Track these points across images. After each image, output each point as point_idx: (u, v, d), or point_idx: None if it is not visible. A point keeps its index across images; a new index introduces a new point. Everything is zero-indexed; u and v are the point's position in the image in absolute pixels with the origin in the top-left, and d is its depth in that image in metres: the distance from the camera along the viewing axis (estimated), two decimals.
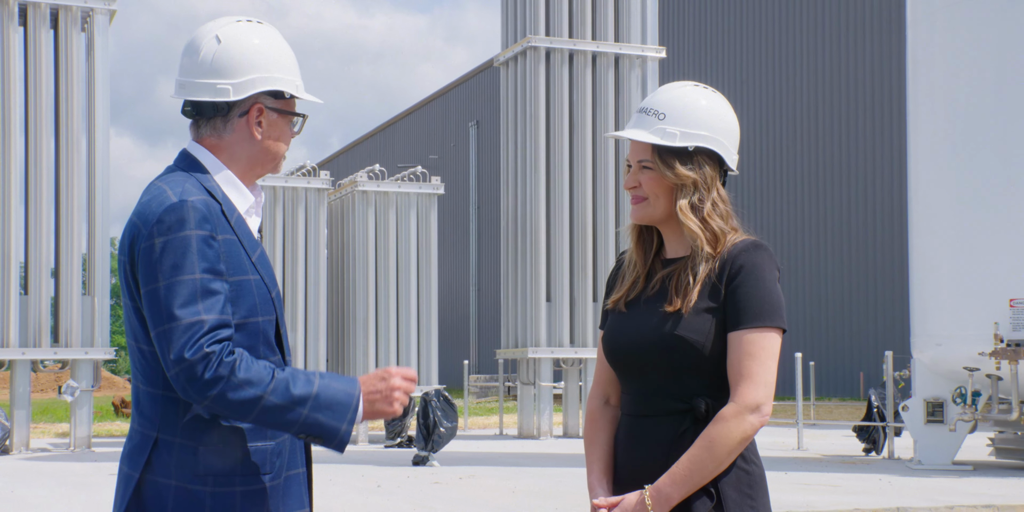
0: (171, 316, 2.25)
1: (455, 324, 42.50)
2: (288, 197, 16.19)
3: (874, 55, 30.12)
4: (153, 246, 2.29)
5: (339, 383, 2.32)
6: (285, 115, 2.50)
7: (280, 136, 2.50)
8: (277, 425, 2.28)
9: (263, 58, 2.46)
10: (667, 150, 2.62)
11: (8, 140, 14.45)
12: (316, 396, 2.28)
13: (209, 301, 2.26)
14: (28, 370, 14.49)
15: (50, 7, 14.75)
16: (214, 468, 2.33)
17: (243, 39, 2.47)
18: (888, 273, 28.97)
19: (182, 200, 2.32)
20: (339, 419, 2.29)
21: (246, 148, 2.47)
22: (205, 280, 2.27)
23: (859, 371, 29.14)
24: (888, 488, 10.03)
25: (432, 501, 9.18)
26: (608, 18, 17.31)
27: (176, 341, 2.23)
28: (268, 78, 2.46)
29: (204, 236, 2.30)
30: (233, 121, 2.47)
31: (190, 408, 2.34)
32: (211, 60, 2.45)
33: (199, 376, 2.22)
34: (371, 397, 2.35)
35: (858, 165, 30.41)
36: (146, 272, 2.30)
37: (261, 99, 2.46)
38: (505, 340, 17.18)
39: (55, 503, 9.26)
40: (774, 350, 2.56)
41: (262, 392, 2.24)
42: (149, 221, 2.32)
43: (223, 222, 2.36)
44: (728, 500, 2.58)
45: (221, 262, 2.32)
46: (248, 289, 2.36)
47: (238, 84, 2.44)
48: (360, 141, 54.35)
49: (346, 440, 2.31)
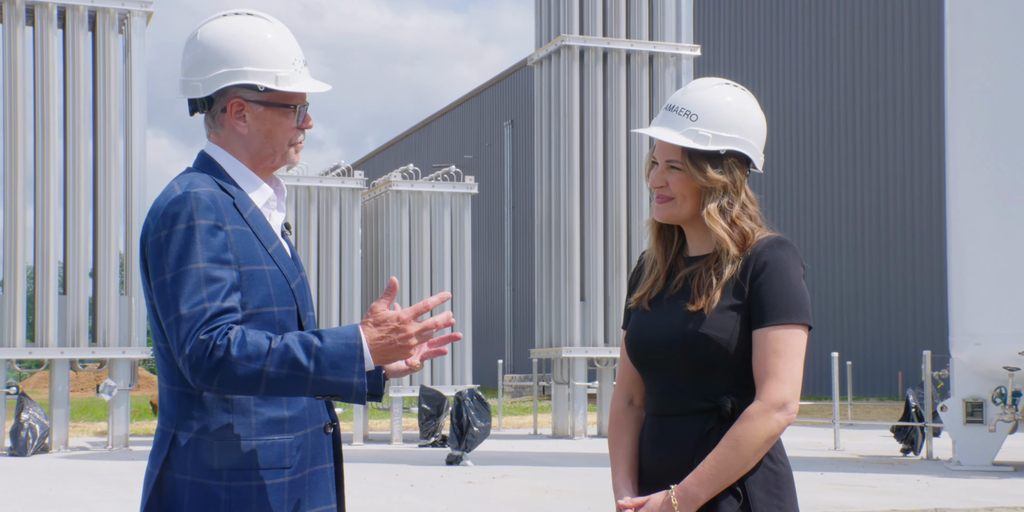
0: (176, 307, 2.25)
1: (490, 324, 42.51)
2: (322, 197, 16.24)
3: (912, 50, 29.84)
4: (159, 239, 2.31)
5: (339, 338, 2.24)
6: (274, 107, 2.45)
7: (273, 129, 2.45)
8: (289, 393, 2.25)
9: (233, 52, 2.42)
10: (698, 153, 2.59)
11: (48, 142, 14.60)
12: (317, 358, 2.22)
13: (212, 288, 2.25)
14: (67, 369, 14.63)
15: (88, 10, 14.88)
16: (229, 463, 2.32)
17: (218, 34, 2.45)
18: (927, 271, 28.70)
19: (186, 192, 2.32)
20: (347, 374, 2.23)
21: (239, 143, 2.46)
22: (209, 269, 2.26)
23: (897, 371, 28.88)
24: (926, 489, 9.92)
25: (465, 501, 9.17)
26: (642, 16, 17.24)
27: (180, 333, 2.23)
28: (236, 72, 2.42)
29: (208, 226, 2.29)
30: (219, 117, 2.46)
31: (205, 404, 2.34)
32: (190, 57, 2.46)
33: (200, 365, 2.21)
34: (379, 344, 2.26)
35: (896, 162, 30.14)
36: (154, 265, 2.32)
37: (240, 93, 2.43)
38: (539, 339, 17.15)
39: (92, 501, 9.33)
40: (800, 347, 2.53)
41: (262, 366, 2.20)
42: (156, 216, 2.33)
43: (234, 214, 2.36)
44: (755, 500, 2.54)
45: (228, 251, 2.31)
46: (261, 279, 2.35)
47: (207, 80, 2.43)
48: (395, 141, 54.48)
49: (363, 391, 2.25)
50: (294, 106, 2.47)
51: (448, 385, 16.33)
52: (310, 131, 2.53)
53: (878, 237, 30.53)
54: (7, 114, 14.50)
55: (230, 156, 2.46)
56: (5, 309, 14.28)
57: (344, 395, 2.25)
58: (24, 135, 14.52)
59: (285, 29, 2.51)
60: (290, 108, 2.46)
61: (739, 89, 2.68)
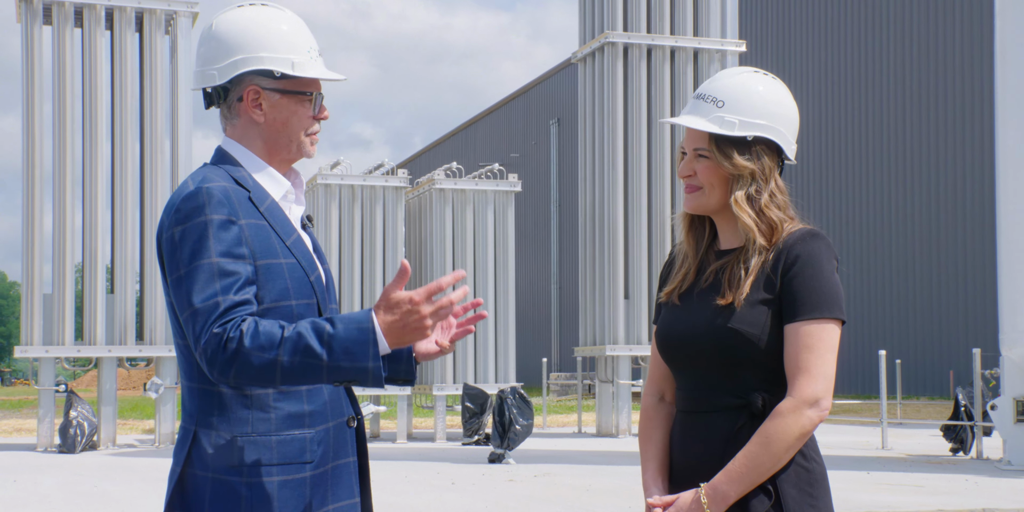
0: (190, 302, 2.24)
1: (536, 322, 42.49)
2: (366, 196, 16.29)
3: (963, 46, 29.45)
4: (173, 236, 2.30)
5: (351, 323, 2.20)
6: (290, 95, 2.44)
7: (289, 117, 2.44)
8: (307, 381, 2.22)
9: (249, 39, 2.42)
10: (725, 139, 2.54)
11: (96, 143, 14.76)
12: (330, 344, 2.18)
13: (225, 282, 2.24)
14: (114, 367, 14.79)
15: (135, 11, 15.01)
16: (249, 459, 2.31)
17: (232, 24, 2.45)
18: (977, 268, 28.31)
19: (198, 188, 2.31)
20: (361, 359, 2.19)
21: (255, 133, 2.45)
22: (222, 263, 2.25)
23: (948, 369, 28.51)
24: (975, 489, 9.77)
25: (506, 499, 9.14)
26: (687, 12, 17.13)
27: (195, 327, 2.23)
28: (252, 58, 2.41)
29: (221, 220, 2.28)
30: (235, 107, 2.45)
31: (224, 401, 2.33)
32: (204, 48, 2.46)
33: (216, 358, 2.20)
34: (393, 327, 2.21)
35: (946, 158, 29.77)
36: (169, 261, 2.31)
37: (256, 81, 2.42)
38: (583, 338, 17.10)
39: (138, 498, 9.41)
40: (833, 342, 2.46)
41: (275, 355, 2.17)
42: (169, 212, 2.33)
43: (249, 207, 2.35)
44: (787, 498, 2.49)
45: (243, 245, 2.29)
46: (278, 272, 2.34)
47: (223, 67, 2.42)
48: (442, 140, 54.60)
49: (379, 375, 2.21)
50: (310, 93, 2.45)
51: (491, 383, 16.32)
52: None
53: (928, 233, 30.17)
54: (57, 116, 14.68)
55: (246, 150, 2.45)
56: (54, 308, 14.46)
57: (361, 380, 2.22)
58: (73, 137, 14.69)
59: (299, 19, 2.51)
60: (306, 95, 2.45)
61: (769, 77, 2.63)
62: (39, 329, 14.36)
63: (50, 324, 14.44)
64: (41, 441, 14.35)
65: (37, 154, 14.55)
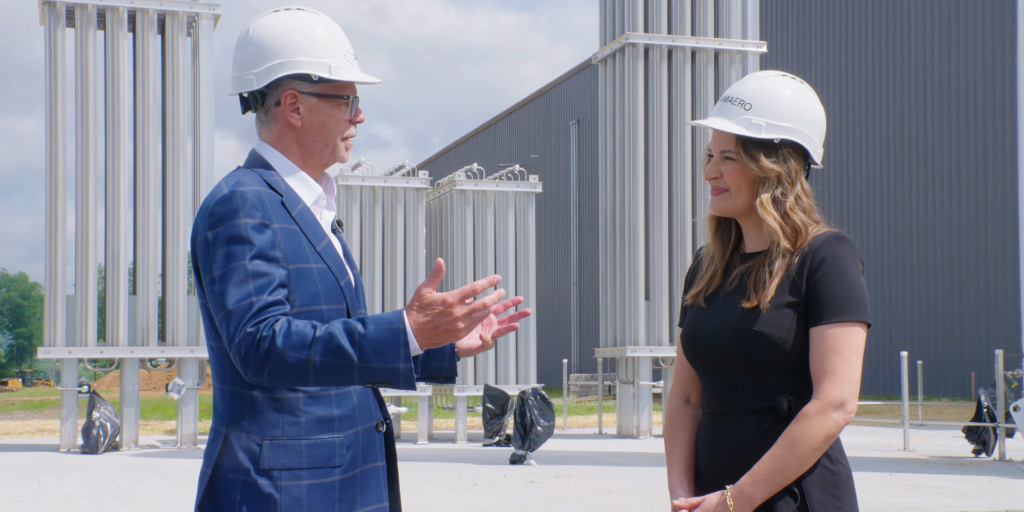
0: (224, 304, 2.27)
1: (556, 323, 42.48)
2: (387, 197, 16.33)
3: (984, 46, 29.31)
4: (207, 239, 2.33)
5: (383, 323, 2.21)
6: (327, 99, 2.46)
7: (326, 121, 2.46)
8: (339, 382, 2.23)
9: (286, 43, 2.44)
10: (752, 142, 2.56)
11: (118, 144, 14.84)
12: (360, 345, 2.19)
13: (259, 283, 2.26)
14: (137, 368, 14.86)
15: (157, 13, 15.09)
16: (279, 462, 2.33)
17: (269, 29, 2.47)
18: (999, 269, 28.17)
19: (232, 191, 2.34)
20: (392, 360, 2.20)
21: (292, 137, 2.47)
22: (255, 265, 2.28)
23: (970, 370, 28.37)
24: (998, 491, 9.73)
25: (528, 500, 9.16)
26: (707, 13, 17.11)
27: (230, 327, 2.25)
28: (290, 62, 2.43)
29: (255, 224, 2.30)
30: (272, 111, 2.47)
31: (255, 403, 2.36)
32: (241, 53, 2.48)
33: (250, 358, 2.22)
34: (424, 328, 2.21)
35: (967, 160, 29.63)
36: (203, 264, 2.34)
37: (293, 85, 2.44)
38: (604, 339, 17.10)
39: (160, 498, 9.46)
40: (858, 345, 2.47)
41: (307, 355, 2.19)
42: (204, 215, 2.35)
43: (282, 212, 2.37)
44: (813, 500, 2.50)
45: (275, 248, 2.32)
46: (309, 277, 2.36)
47: (261, 72, 2.44)
48: (462, 141, 54.64)
49: (411, 377, 2.21)
50: (347, 97, 2.48)
51: (512, 384, 16.33)
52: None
53: (950, 236, 30.03)
54: (80, 117, 14.77)
55: (280, 154, 2.48)
56: (77, 309, 14.54)
57: (393, 381, 2.23)
58: (95, 138, 14.78)
59: (334, 23, 2.53)
60: (343, 99, 2.47)
61: (797, 81, 2.65)
62: (62, 330, 14.45)
63: (73, 325, 14.53)
64: (64, 442, 14.43)
65: (60, 156, 14.64)
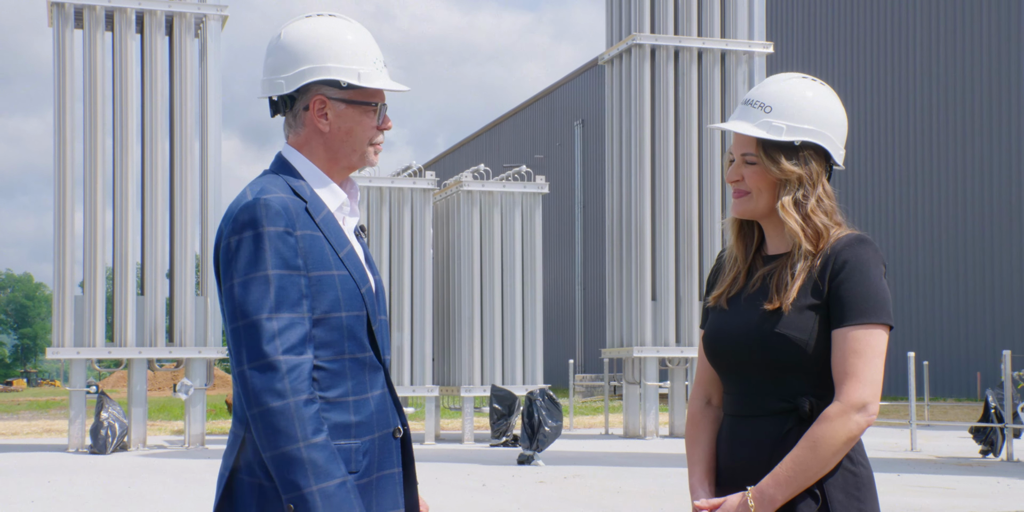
0: (243, 314, 2.28)
1: (561, 323, 42.48)
2: (394, 197, 16.34)
3: (990, 47, 29.28)
4: (229, 245, 2.33)
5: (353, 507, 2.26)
6: (356, 105, 2.48)
7: (353, 127, 2.47)
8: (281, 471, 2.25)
9: (317, 49, 2.46)
10: (773, 144, 2.56)
11: (126, 145, 14.87)
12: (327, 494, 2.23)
13: (280, 296, 2.28)
14: (144, 369, 14.88)
15: (165, 14, 15.12)
16: None
17: (301, 34, 2.49)
18: (1005, 270, 28.14)
19: (256, 198, 2.34)
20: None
21: (319, 142, 2.48)
22: (277, 276, 2.29)
23: (976, 371, 28.35)
24: (1007, 491, 9.73)
25: (536, 500, 9.17)
26: (714, 14, 17.12)
27: (243, 342, 2.26)
28: (320, 68, 2.45)
29: (279, 232, 2.31)
30: (300, 116, 2.48)
31: None
32: (272, 58, 2.50)
33: (252, 386, 2.25)
34: None
35: (974, 160, 29.60)
36: (224, 270, 2.34)
37: (323, 90, 2.46)
38: (610, 339, 17.10)
39: (169, 498, 9.47)
40: (880, 347, 2.47)
41: (297, 445, 2.24)
42: (228, 221, 2.36)
43: (305, 219, 2.37)
44: (834, 502, 2.50)
45: (298, 257, 2.33)
46: (331, 284, 2.37)
47: (291, 77, 2.46)
48: (466, 141, 54.66)
49: None
50: (375, 104, 2.49)
51: (519, 385, 16.34)
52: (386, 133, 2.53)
53: (956, 234, 30.01)
54: (88, 118, 14.80)
55: (306, 159, 2.48)
56: (85, 310, 14.57)
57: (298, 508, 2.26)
58: (103, 139, 14.81)
59: (365, 30, 2.55)
60: (371, 106, 2.49)
61: (818, 83, 2.64)
62: (70, 330, 14.47)
63: (81, 325, 14.55)
64: (72, 442, 14.45)
65: (68, 156, 14.66)
